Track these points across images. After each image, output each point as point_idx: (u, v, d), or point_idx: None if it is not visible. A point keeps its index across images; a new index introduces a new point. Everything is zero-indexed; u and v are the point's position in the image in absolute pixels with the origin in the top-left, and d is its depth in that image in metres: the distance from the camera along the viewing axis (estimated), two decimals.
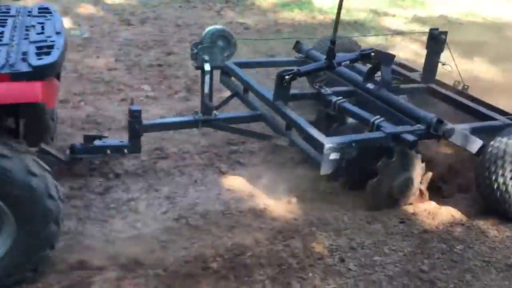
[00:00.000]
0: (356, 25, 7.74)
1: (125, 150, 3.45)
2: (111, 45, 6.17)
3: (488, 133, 3.52)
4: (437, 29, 4.27)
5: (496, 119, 3.76)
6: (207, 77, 3.48)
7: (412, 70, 4.66)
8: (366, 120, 3.53)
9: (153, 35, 6.66)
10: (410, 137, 3.28)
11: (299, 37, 4.96)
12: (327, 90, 3.94)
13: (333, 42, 3.64)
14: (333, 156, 3.17)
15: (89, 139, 3.43)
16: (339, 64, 3.80)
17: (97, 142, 3.42)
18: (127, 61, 5.73)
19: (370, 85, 3.94)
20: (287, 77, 3.63)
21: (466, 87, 4.20)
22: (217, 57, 3.48)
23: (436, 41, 4.23)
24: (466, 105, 4.00)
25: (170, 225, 3.22)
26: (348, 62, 3.84)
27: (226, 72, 4.27)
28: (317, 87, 3.99)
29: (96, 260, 2.84)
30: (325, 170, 3.23)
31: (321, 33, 6.85)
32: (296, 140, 3.58)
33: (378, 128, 3.41)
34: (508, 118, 3.76)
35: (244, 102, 4.20)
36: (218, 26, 3.58)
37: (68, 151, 3.40)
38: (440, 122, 3.36)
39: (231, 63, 4.23)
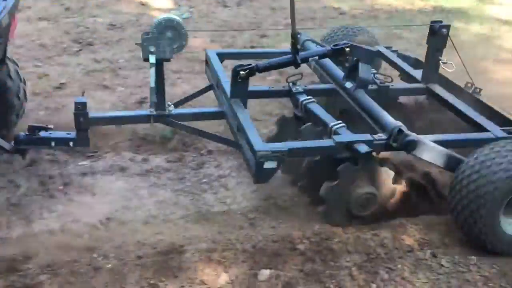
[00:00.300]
0: (459, 13, 7.32)
1: (71, 143, 3.27)
2: (207, 25, 6.33)
3: (470, 147, 2.99)
4: (441, 21, 3.66)
5: (488, 131, 3.14)
6: (152, 70, 3.16)
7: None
8: (326, 125, 3.09)
9: (248, 17, 6.73)
10: (363, 148, 2.84)
11: (396, 25, 4.58)
12: (298, 88, 3.51)
13: (294, 35, 3.24)
14: (268, 164, 2.83)
15: (34, 129, 3.23)
16: (305, 59, 3.38)
17: (42, 133, 3.25)
18: (222, 42, 5.85)
19: (348, 84, 3.48)
20: (242, 72, 3.20)
21: (478, 90, 3.59)
22: (164, 48, 3.19)
23: (437, 36, 3.60)
24: (461, 111, 3.38)
25: (259, 204, 3.28)
26: (316, 57, 3.44)
27: (208, 64, 3.93)
28: (289, 83, 3.57)
29: (188, 230, 2.97)
30: (258, 179, 2.93)
31: (420, 21, 6.55)
32: (243, 144, 3.12)
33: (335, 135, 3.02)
34: (504, 130, 3.13)
35: (216, 97, 3.81)
36: (169, 15, 3.32)
37: (12, 142, 3.25)
38: (400, 132, 2.91)
39: (213, 53, 3.90)
